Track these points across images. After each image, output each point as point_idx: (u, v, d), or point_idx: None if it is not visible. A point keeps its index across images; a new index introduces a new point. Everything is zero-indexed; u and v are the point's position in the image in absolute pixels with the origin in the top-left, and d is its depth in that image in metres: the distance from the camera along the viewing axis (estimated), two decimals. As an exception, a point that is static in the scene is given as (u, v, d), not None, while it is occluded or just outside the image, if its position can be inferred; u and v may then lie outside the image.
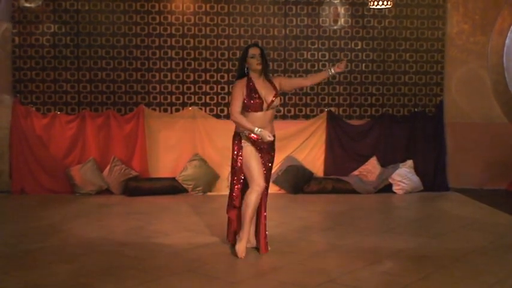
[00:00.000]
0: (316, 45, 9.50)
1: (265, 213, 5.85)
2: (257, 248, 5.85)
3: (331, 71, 5.87)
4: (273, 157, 5.88)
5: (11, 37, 9.15)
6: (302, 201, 8.56)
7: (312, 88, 9.52)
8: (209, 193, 9.20)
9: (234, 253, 5.69)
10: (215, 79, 9.42)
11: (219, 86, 9.42)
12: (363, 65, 9.58)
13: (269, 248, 5.82)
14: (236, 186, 5.80)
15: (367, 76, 9.60)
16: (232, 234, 5.90)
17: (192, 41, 9.35)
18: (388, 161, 9.51)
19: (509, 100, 9.50)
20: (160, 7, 9.28)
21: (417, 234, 6.74)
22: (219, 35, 9.37)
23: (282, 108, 9.43)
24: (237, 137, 5.74)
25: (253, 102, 5.62)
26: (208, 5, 9.33)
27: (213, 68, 9.39)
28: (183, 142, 9.41)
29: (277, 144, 5.91)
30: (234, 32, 9.37)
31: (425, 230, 6.92)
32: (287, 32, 9.44)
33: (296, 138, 9.47)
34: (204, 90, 9.42)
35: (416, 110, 9.68)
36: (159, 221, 7.26)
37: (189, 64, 9.38)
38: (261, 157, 5.71)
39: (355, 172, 9.50)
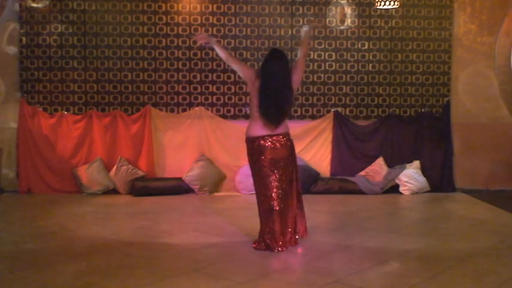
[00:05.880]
0: (322, 46, 9.50)
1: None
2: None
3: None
4: None
5: (18, 37, 9.18)
6: (308, 201, 8.45)
7: (318, 88, 9.52)
8: (216, 193, 9.20)
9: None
10: (222, 79, 9.42)
11: (226, 86, 9.43)
12: (370, 65, 9.57)
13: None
14: None
15: (373, 76, 9.59)
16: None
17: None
18: (395, 162, 9.49)
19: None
20: (167, 7, 9.29)
21: (424, 234, 6.73)
22: (226, 35, 9.37)
23: (288, 109, 9.44)
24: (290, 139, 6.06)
25: None
26: (215, 6, 9.33)
27: (220, 68, 9.39)
28: (190, 142, 9.41)
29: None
30: (240, 32, 9.37)
31: (432, 231, 6.91)
32: (294, 32, 9.44)
33: (302, 139, 9.45)
34: (210, 90, 9.43)
35: (423, 110, 9.66)
36: (165, 221, 7.27)
37: (195, 64, 9.39)
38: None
39: (362, 173, 9.49)
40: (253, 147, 5.91)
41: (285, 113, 5.92)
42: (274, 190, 5.89)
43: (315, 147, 9.58)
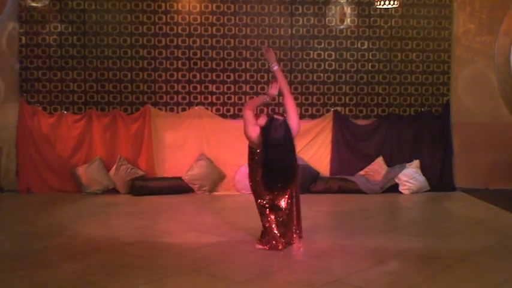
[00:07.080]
0: (322, 45, 9.49)
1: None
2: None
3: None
4: None
5: (17, 36, 9.17)
6: (308, 201, 8.50)
7: (318, 88, 9.52)
8: (215, 193, 9.21)
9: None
10: (221, 79, 9.42)
11: (225, 86, 9.42)
12: (369, 64, 9.56)
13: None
14: None
15: (373, 76, 9.59)
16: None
17: (198, 40, 9.35)
18: (395, 161, 9.50)
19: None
20: (167, 7, 9.28)
21: (423, 234, 6.73)
22: (225, 34, 9.37)
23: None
24: None
25: None
26: (214, 5, 9.33)
27: (219, 67, 9.39)
28: (189, 142, 9.41)
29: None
30: (240, 31, 9.37)
31: (432, 230, 6.91)
32: (293, 31, 9.44)
33: (302, 138, 9.41)
34: (210, 89, 9.42)
35: (422, 109, 9.66)
36: (165, 221, 7.27)
37: (195, 64, 9.38)
38: None
39: (361, 172, 9.49)
40: (254, 158, 5.96)
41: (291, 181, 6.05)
42: (270, 195, 5.93)
43: (314, 147, 9.58)
